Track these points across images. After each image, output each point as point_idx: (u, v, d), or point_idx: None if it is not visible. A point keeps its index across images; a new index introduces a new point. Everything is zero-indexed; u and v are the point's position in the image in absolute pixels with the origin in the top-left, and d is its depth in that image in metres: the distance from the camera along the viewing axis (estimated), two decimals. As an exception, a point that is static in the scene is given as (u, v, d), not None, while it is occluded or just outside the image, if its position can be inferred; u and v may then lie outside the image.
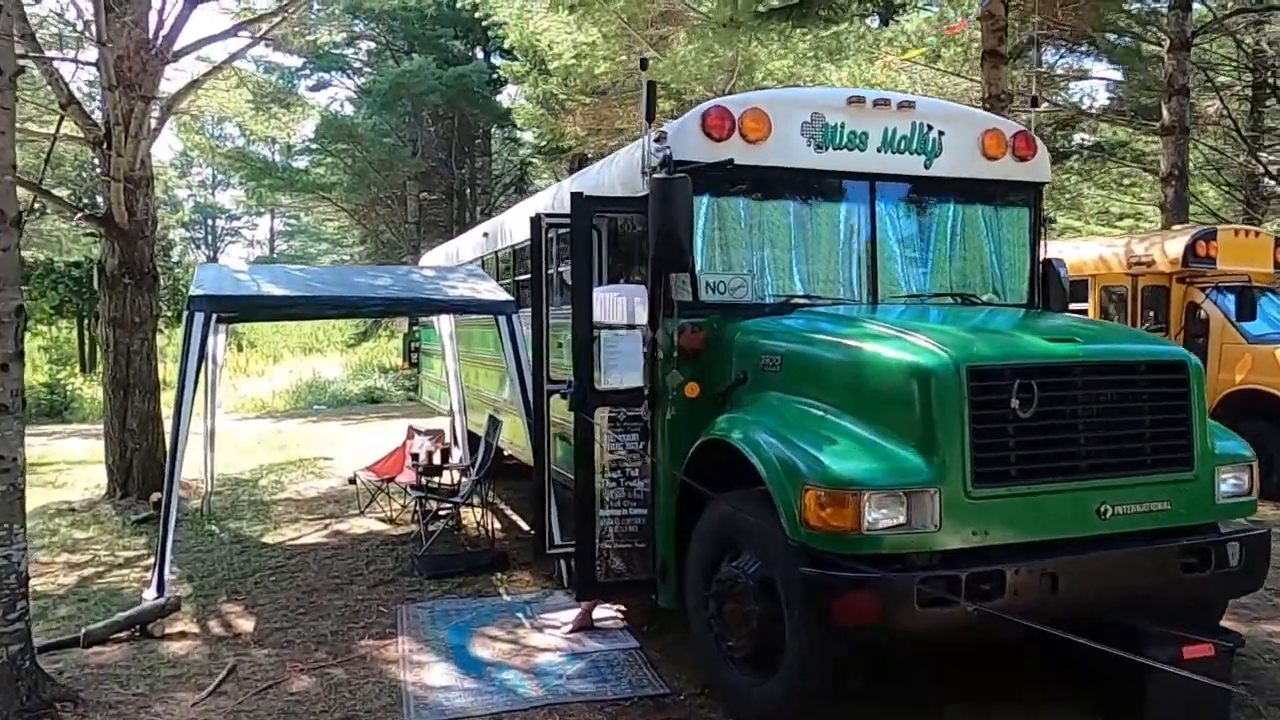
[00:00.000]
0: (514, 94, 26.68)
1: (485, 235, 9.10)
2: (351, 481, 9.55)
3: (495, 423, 7.78)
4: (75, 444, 14.24)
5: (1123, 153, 20.00)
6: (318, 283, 7.17)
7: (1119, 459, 3.85)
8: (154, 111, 9.66)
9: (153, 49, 9.06)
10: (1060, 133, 18.88)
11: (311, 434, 15.45)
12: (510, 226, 8.08)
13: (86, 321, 25.01)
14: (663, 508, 4.75)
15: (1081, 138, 20.83)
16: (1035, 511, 3.73)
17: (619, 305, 4.62)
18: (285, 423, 17.45)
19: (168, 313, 23.20)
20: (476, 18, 21.27)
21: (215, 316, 6.67)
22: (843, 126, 4.92)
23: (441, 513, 7.67)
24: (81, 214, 10.40)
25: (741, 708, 4.15)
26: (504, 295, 7.10)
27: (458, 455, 9.32)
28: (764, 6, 12.03)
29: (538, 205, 7.16)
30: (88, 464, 11.60)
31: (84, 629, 5.34)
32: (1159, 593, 3.92)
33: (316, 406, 20.61)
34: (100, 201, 11.60)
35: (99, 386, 10.83)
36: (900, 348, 3.90)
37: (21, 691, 4.29)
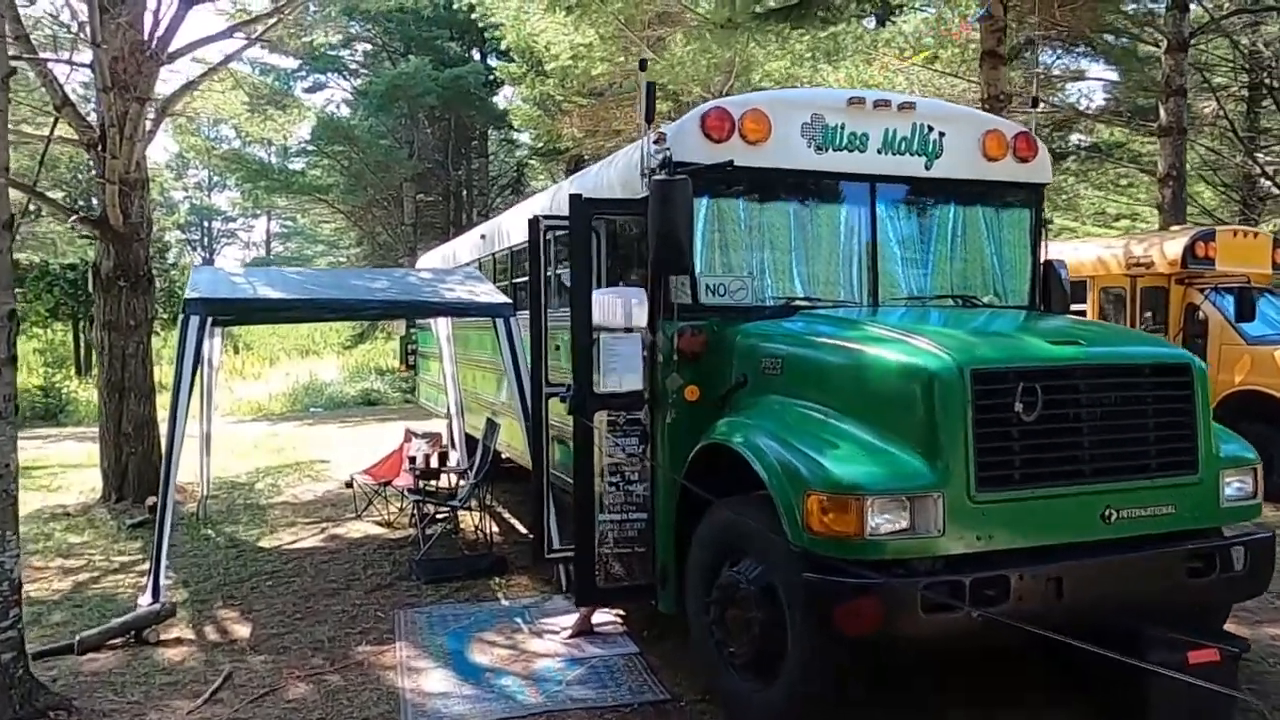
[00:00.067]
0: (511, 95, 26.68)
1: (483, 237, 9.06)
2: (348, 485, 9.49)
3: (493, 425, 7.75)
4: (70, 447, 14.18)
5: (1120, 154, 20.00)
6: (314, 285, 7.14)
7: (1123, 463, 3.82)
8: (149, 113, 9.62)
9: (148, 50, 9.02)
10: (1057, 134, 18.87)
11: (308, 437, 15.40)
12: (508, 228, 8.04)
13: (82, 324, 24.93)
14: (663, 512, 4.72)
15: (1078, 138, 20.83)
16: (1039, 516, 3.70)
17: (618, 308, 4.58)
18: (281, 425, 17.40)
19: (163, 315, 23.11)
20: (473, 19, 21.24)
21: (211, 319, 6.64)
22: (843, 127, 4.89)
23: (439, 516, 7.64)
24: (76, 216, 10.35)
25: (743, 714, 4.11)
26: (501, 298, 7.08)
27: (455, 458, 9.28)
28: (761, 7, 12.01)
29: (535, 207, 7.13)
30: (83, 467, 11.53)
31: (78, 636, 5.29)
32: (1164, 597, 3.89)
33: (313, 409, 20.55)
34: (95, 204, 11.55)
35: (94, 389, 10.77)
36: (903, 350, 3.87)
37: (15, 700, 4.25)
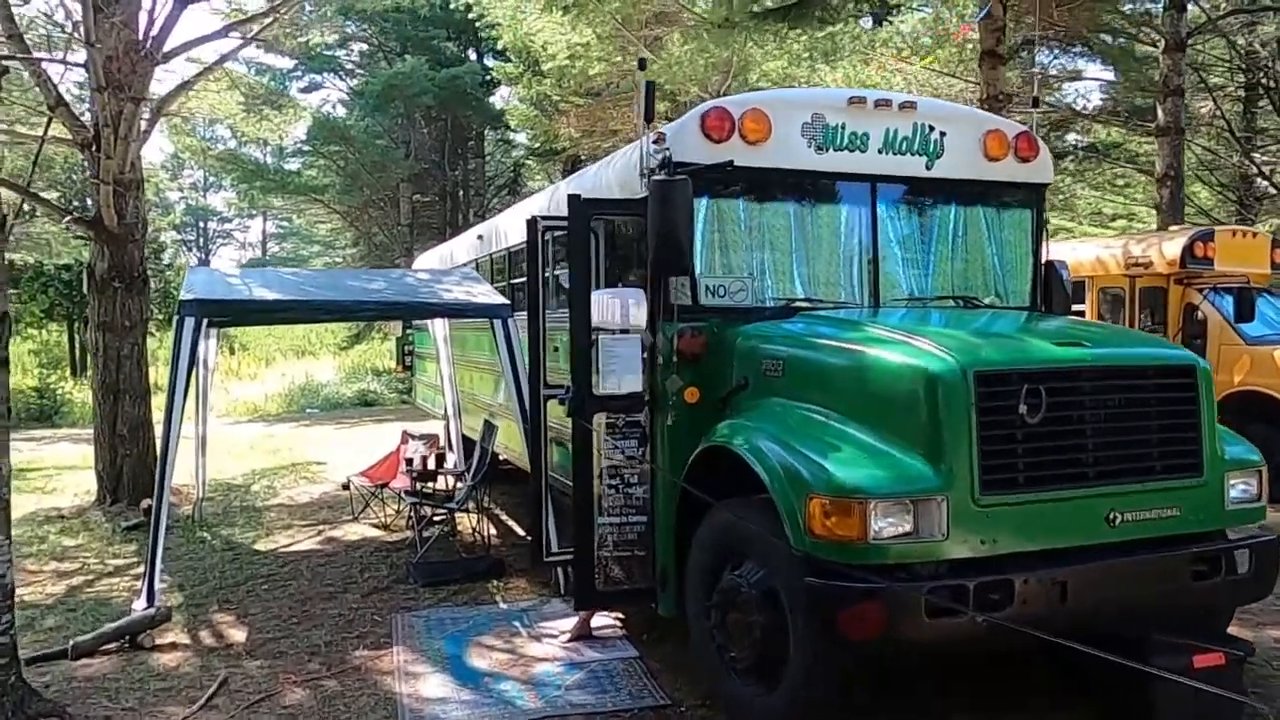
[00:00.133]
0: (507, 95, 26.63)
1: (480, 238, 9.01)
2: (345, 487, 9.46)
3: (491, 427, 7.71)
4: (65, 449, 14.12)
5: (1117, 154, 20.00)
6: (310, 286, 7.09)
7: (1128, 465, 3.78)
8: (144, 113, 9.56)
9: (142, 50, 8.97)
10: (1054, 133, 18.87)
11: (304, 438, 15.35)
12: (505, 229, 7.99)
13: (77, 325, 24.87)
14: (662, 515, 4.69)
15: (1075, 138, 20.84)
16: (1044, 519, 3.66)
17: (617, 309, 4.54)
18: (278, 426, 17.35)
19: (159, 316, 23.06)
20: (470, 19, 21.19)
21: (206, 320, 6.59)
22: (843, 127, 4.85)
23: (436, 519, 7.59)
24: (71, 217, 10.29)
25: (745, 719, 4.07)
26: (499, 298, 7.03)
27: (452, 460, 9.24)
28: (759, 7, 11.96)
29: (533, 207, 7.08)
30: (78, 469, 11.46)
31: (72, 641, 5.23)
32: (1168, 601, 3.86)
33: (309, 410, 20.49)
34: (90, 204, 11.49)
35: (89, 391, 10.71)
36: (906, 352, 3.83)
37: (7, 707, 4.19)
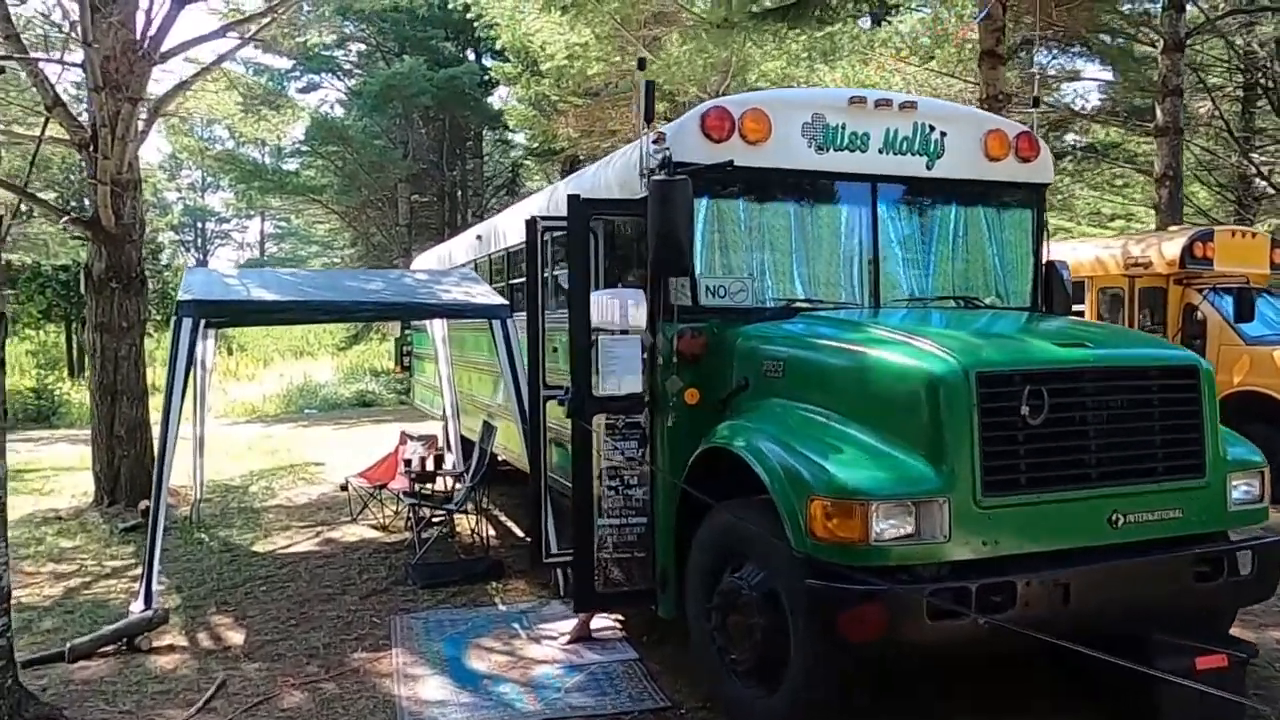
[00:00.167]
0: (506, 96, 26.61)
1: (478, 238, 8.99)
2: (343, 488, 9.42)
3: (489, 428, 7.68)
4: (63, 449, 14.08)
5: (1115, 154, 20.00)
6: (308, 286, 7.07)
7: (1130, 466, 3.77)
8: (141, 113, 9.53)
9: (140, 50, 8.94)
10: (1053, 134, 18.87)
11: (302, 438, 15.32)
12: (504, 229, 7.97)
13: (74, 326, 24.83)
14: (662, 516, 4.67)
15: (1073, 138, 20.84)
16: (1046, 521, 3.65)
17: (617, 309, 4.53)
18: (276, 427, 17.32)
19: (157, 316, 23.04)
20: (468, 19, 21.16)
21: (204, 321, 6.56)
22: (844, 127, 4.84)
23: (435, 520, 7.57)
24: (68, 217, 10.26)
25: (745, 721, 4.06)
26: (498, 299, 7.01)
27: (451, 461, 9.21)
28: (758, 7, 11.95)
29: (531, 208, 7.07)
30: (75, 470, 11.43)
31: (69, 643, 5.20)
32: (1171, 602, 3.85)
33: (307, 410, 20.46)
34: (87, 205, 11.46)
35: (87, 392, 10.69)
36: (907, 353, 3.81)
37: (3, 710, 4.16)
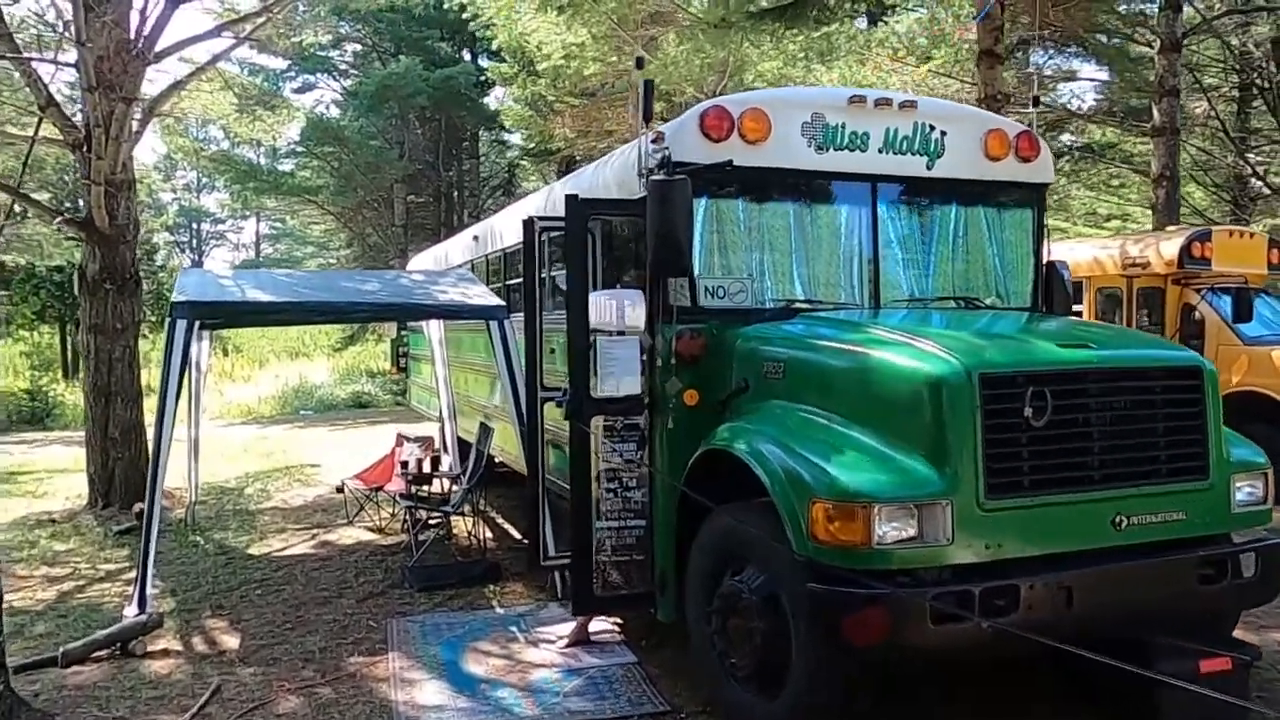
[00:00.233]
0: (502, 96, 26.54)
1: (475, 239, 8.95)
2: (339, 490, 9.38)
3: (486, 430, 7.64)
4: (57, 451, 14.02)
5: (1112, 154, 19.99)
6: (304, 287, 7.02)
7: (1134, 468, 3.74)
8: (135, 113, 9.48)
9: (134, 50, 8.89)
10: (1049, 134, 18.86)
11: (298, 440, 15.27)
12: (500, 229, 7.93)
13: (69, 327, 24.74)
14: (661, 519, 4.63)
15: (1069, 139, 20.83)
16: (1049, 523, 3.62)
17: (615, 310, 4.49)
18: (271, 429, 17.26)
19: (151, 318, 22.97)
20: (464, 19, 21.10)
21: (199, 322, 6.52)
22: (843, 127, 4.80)
23: (432, 522, 7.52)
24: (62, 218, 10.21)
25: (745, 726, 4.02)
26: (495, 300, 6.97)
27: (448, 463, 9.17)
28: (755, 7, 11.92)
29: (528, 208, 7.04)
30: (69, 472, 11.38)
31: (62, 648, 5.15)
32: (1175, 605, 3.82)
33: (303, 412, 20.41)
34: (81, 205, 11.40)
35: (81, 393, 10.63)
36: (909, 354, 3.78)
37: (-5, 716, 4.13)
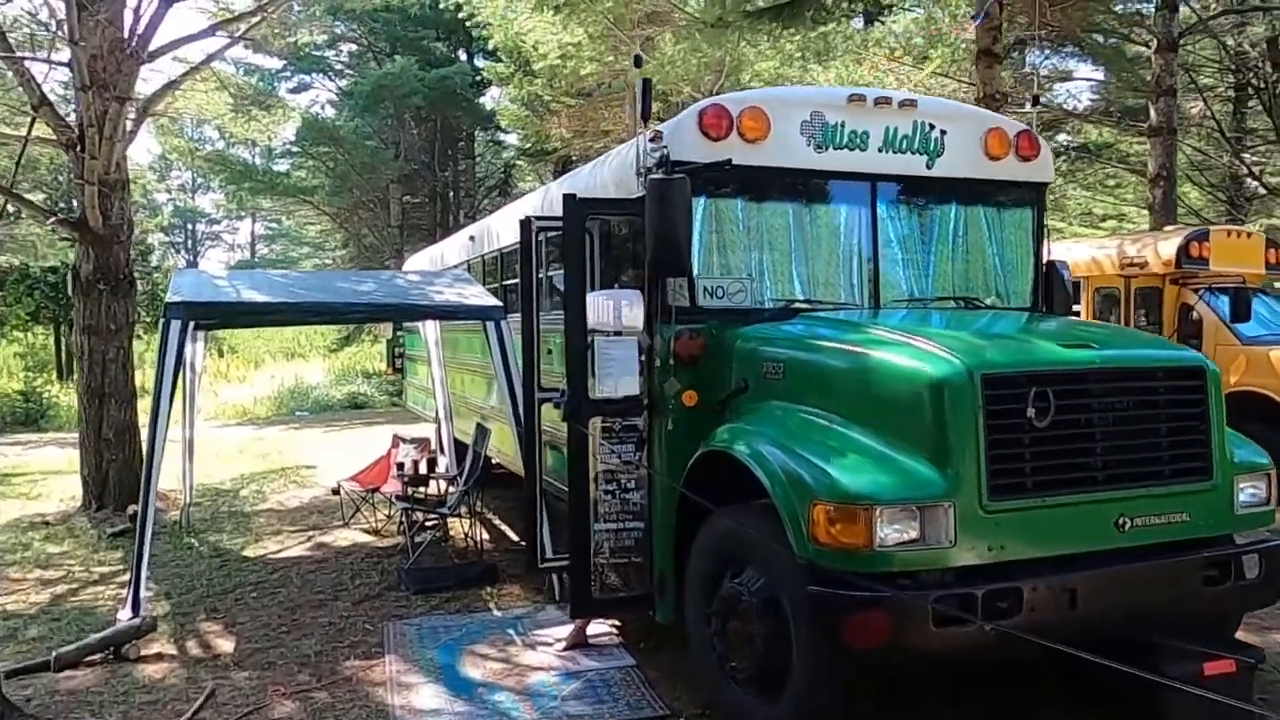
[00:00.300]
0: (498, 96, 26.54)
1: (471, 239, 8.91)
2: (335, 492, 9.31)
3: (483, 431, 7.60)
4: (51, 453, 13.95)
5: (1108, 154, 20.00)
6: (299, 288, 6.97)
7: (1137, 469, 3.71)
8: (129, 113, 9.44)
9: (127, 49, 8.84)
10: (1046, 134, 18.86)
11: (294, 441, 15.20)
12: (497, 229, 7.89)
13: (63, 328, 24.62)
14: (660, 520, 4.59)
15: (1066, 138, 20.83)
16: (1052, 525, 3.58)
17: (613, 310, 4.45)
18: (267, 430, 17.19)
19: (146, 318, 22.86)
20: (460, 19, 21.07)
21: (193, 323, 6.46)
22: (843, 126, 4.77)
23: (428, 524, 7.48)
24: (55, 218, 10.15)
25: (746, 730, 3.99)
26: (491, 300, 6.93)
27: (444, 464, 9.12)
28: (752, 6, 11.90)
29: (524, 208, 7.00)
30: (64, 474, 11.31)
31: (55, 652, 5.09)
32: (1178, 607, 3.79)
33: (299, 413, 20.33)
34: (75, 205, 11.34)
35: (75, 394, 10.58)
36: (910, 355, 3.75)
37: (-13, 722, 4.08)
